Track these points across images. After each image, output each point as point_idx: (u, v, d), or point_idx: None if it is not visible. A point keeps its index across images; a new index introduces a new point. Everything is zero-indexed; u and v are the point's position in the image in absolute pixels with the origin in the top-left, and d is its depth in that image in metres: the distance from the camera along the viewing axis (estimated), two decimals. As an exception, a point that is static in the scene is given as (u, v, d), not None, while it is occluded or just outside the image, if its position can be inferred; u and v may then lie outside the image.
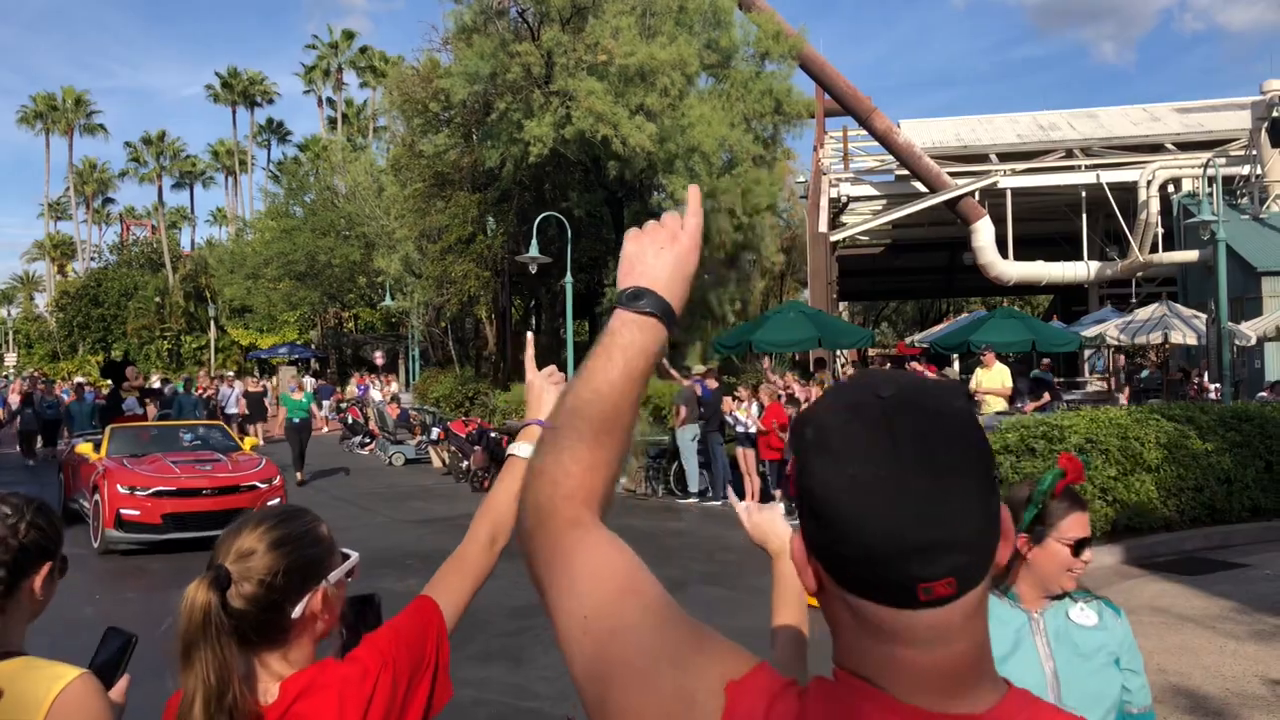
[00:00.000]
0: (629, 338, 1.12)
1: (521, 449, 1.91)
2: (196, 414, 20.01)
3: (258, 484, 11.84)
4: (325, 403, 31.23)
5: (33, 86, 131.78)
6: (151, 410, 20.16)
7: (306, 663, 1.60)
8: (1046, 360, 20.25)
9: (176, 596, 1.52)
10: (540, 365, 2.07)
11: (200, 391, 28.05)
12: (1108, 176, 26.61)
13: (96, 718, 1.72)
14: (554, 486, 1.08)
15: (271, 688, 1.55)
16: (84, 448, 13.11)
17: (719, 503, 15.16)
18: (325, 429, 25.41)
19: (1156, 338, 21.13)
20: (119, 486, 11.30)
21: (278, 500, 11.58)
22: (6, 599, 1.73)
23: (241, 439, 14.64)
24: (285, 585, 1.55)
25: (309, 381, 34.78)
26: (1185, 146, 28.01)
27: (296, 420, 17.96)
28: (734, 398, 15.07)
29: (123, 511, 11.13)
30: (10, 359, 54.60)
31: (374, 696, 1.60)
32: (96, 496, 11.48)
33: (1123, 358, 25.69)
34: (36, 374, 33.91)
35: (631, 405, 1.12)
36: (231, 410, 24.30)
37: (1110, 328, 22.19)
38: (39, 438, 23.10)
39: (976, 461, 0.87)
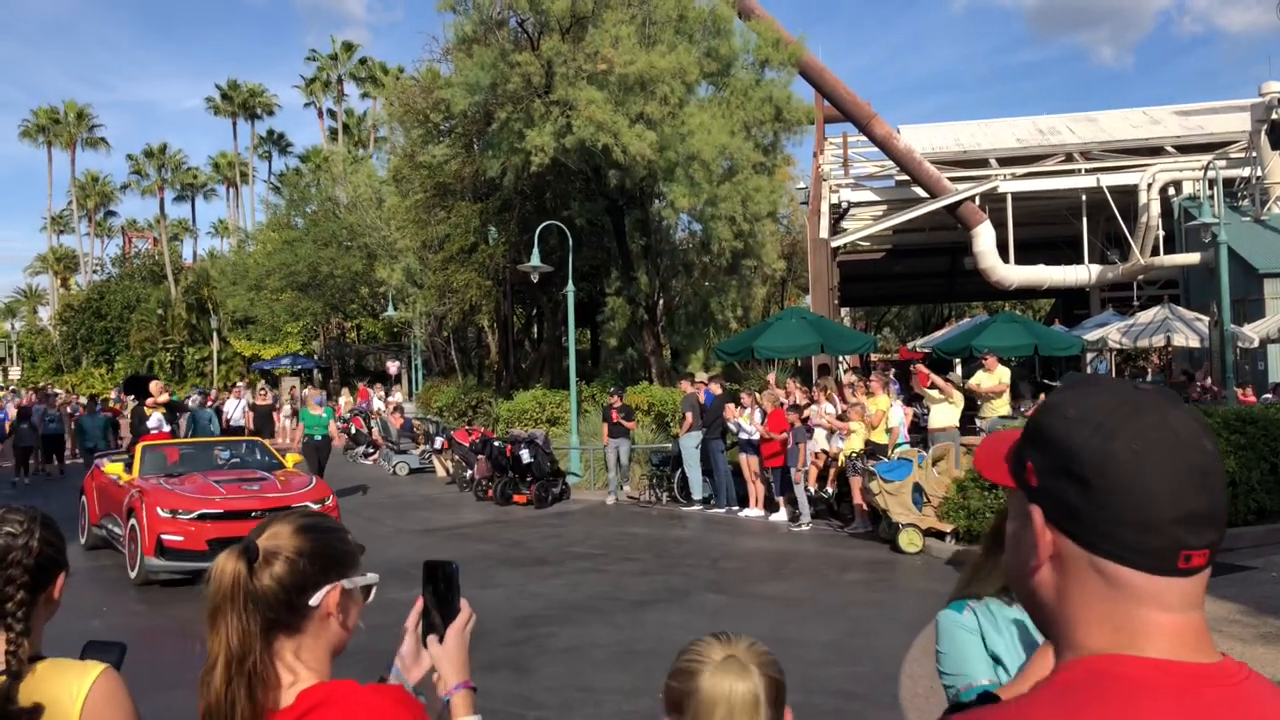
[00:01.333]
0: None
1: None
2: (213, 429, 19.21)
3: (310, 505, 10.74)
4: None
5: (35, 100, 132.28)
6: (177, 427, 19.30)
7: (320, 668, 1.63)
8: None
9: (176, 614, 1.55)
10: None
11: (208, 404, 27.88)
12: (1108, 180, 26.61)
13: (125, 707, 1.82)
14: None
15: (289, 692, 1.58)
16: (113, 468, 12.21)
17: (722, 510, 15.17)
18: (340, 443, 24.57)
19: (1159, 340, 21.12)
20: (159, 510, 10.41)
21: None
22: (30, 608, 1.78)
23: (282, 456, 13.68)
24: (307, 569, 1.62)
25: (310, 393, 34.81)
26: (1185, 149, 28.01)
27: (318, 437, 17.26)
28: (737, 404, 15.07)
29: (164, 537, 10.24)
30: (15, 372, 54.64)
31: None
32: (133, 521, 10.63)
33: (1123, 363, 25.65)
34: (45, 387, 33.76)
35: None
36: (237, 423, 23.20)
37: (1112, 331, 22.18)
38: (37, 454, 22.28)
39: (1216, 447, 1.00)
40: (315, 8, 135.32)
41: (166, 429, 17.02)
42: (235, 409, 23.46)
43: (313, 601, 1.62)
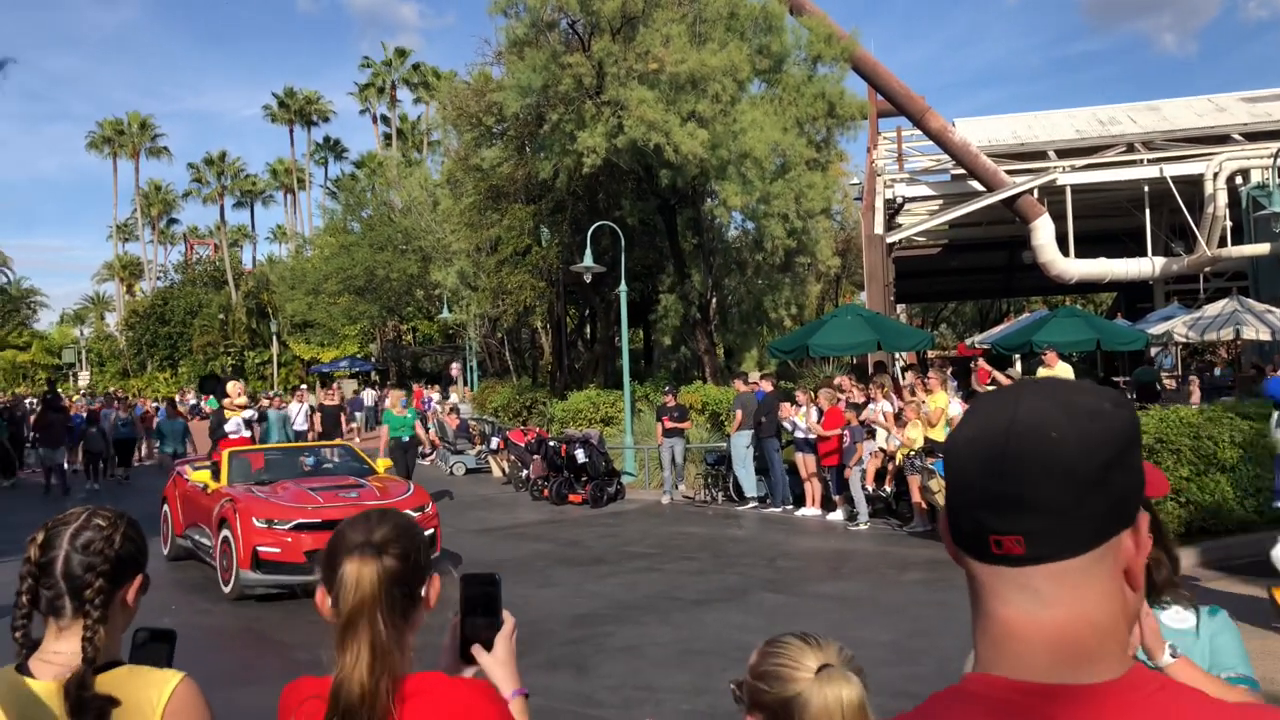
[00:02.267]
0: None
1: None
2: (286, 433, 18.92)
3: (410, 513, 9.68)
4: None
5: (101, 113, 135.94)
6: (255, 431, 18.85)
7: (411, 656, 1.70)
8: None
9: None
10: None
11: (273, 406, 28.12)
12: (1172, 170, 25.96)
13: (204, 716, 1.85)
14: None
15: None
16: (200, 475, 11.39)
17: (778, 509, 15.07)
18: (429, 448, 23.10)
19: (1227, 334, 20.56)
20: (255, 520, 9.75)
21: (432, 531, 10.21)
22: (107, 608, 1.80)
23: (373, 460, 12.90)
24: (418, 565, 1.70)
25: (369, 394, 35.20)
26: (1253, 136, 27.20)
27: (404, 439, 16.58)
28: (793, 403, 14.96)
29: (260, 549, 9.62)
30: (84, 377, 56.15)
31: None
32: (225, 532, 9.98)
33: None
34: (116, 393, 34.43)
35: None
36: (301, 427, 22.35)
37: (1178, 325, 21.64)
38: (109, 459, 21.91)
39: (1080, 441, 0.94)
40: (369, 15, 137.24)
41: (246, 434, 15.89)
42: (299, 412, 22.75)
43: (422, 592, 1.71)
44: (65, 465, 20.28)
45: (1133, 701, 0.90)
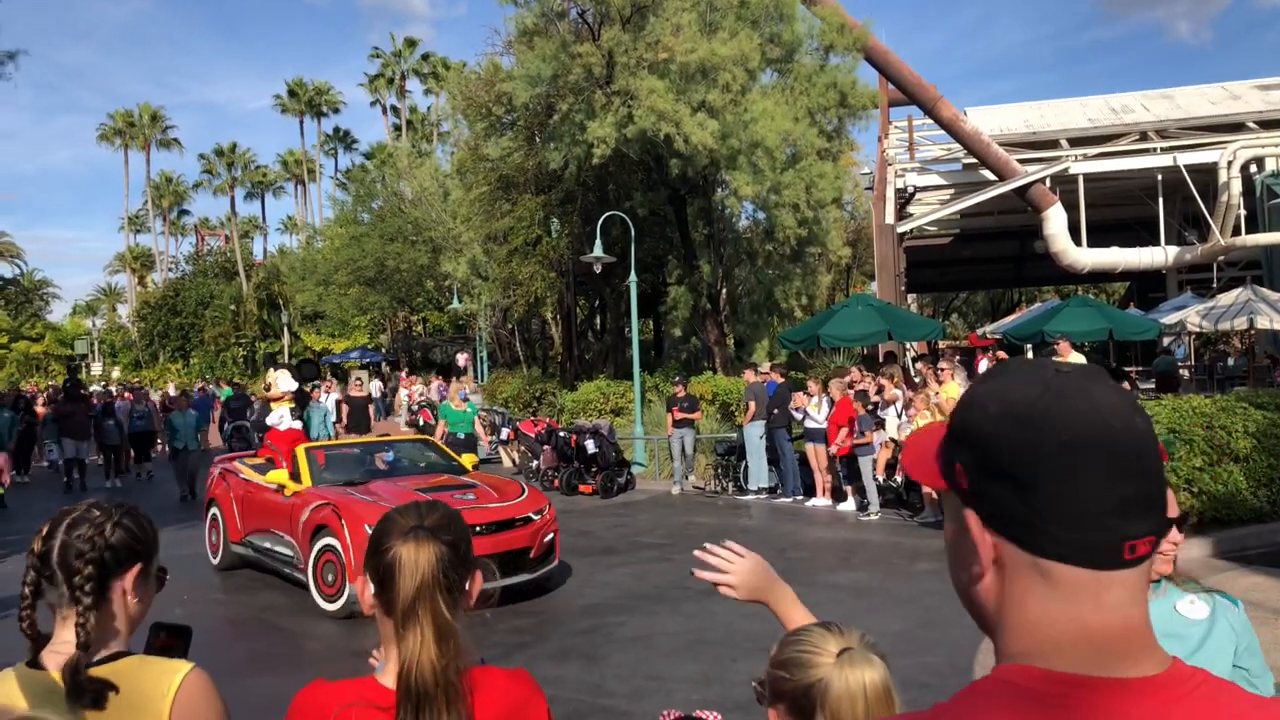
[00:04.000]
0: None
1: None
2: (328, 428, 17.86)
3: (531, 516, 9.20)
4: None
5: (112, 105, 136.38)
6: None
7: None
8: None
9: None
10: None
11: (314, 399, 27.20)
12: (1185, 158, 25.80)
13: (215, 706, 1.83)
14: None
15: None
16: (276, 475, 9.97)
17: (788, 499, 15.08)
18: (488, 448, 20.67)
19: (1241, 323, 20.45)
20: (368, 526, 8.19)
21: (552, 536, 9.41)
22: (99, 598, 1.80)
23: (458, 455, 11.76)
24: (466, 554, 1.70)
25: (376, 386, 35.15)
26: (1268, 124, 27.00)
27: (461, 435, 15.56)
28: (805, 393, 14.94)
29: None
30: (96, 368, 56.45)
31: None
32: (327, 541, 8.84)
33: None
34: (130, 382, 34.09)
35: None
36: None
37: (1191, 314, 21.54)
38: (126, 453, 20.73)
39: (1150, 422, 0.94)
40: (379, 6, 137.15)
41: (295, 425, 13.24)
42: (325, 403, 20.99)
43: (467, 585, 1.70)
44: (85, 459, 19.33)
45: (1180, 695, 0.90)
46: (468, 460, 11.44)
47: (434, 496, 8.50)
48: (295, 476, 9.90)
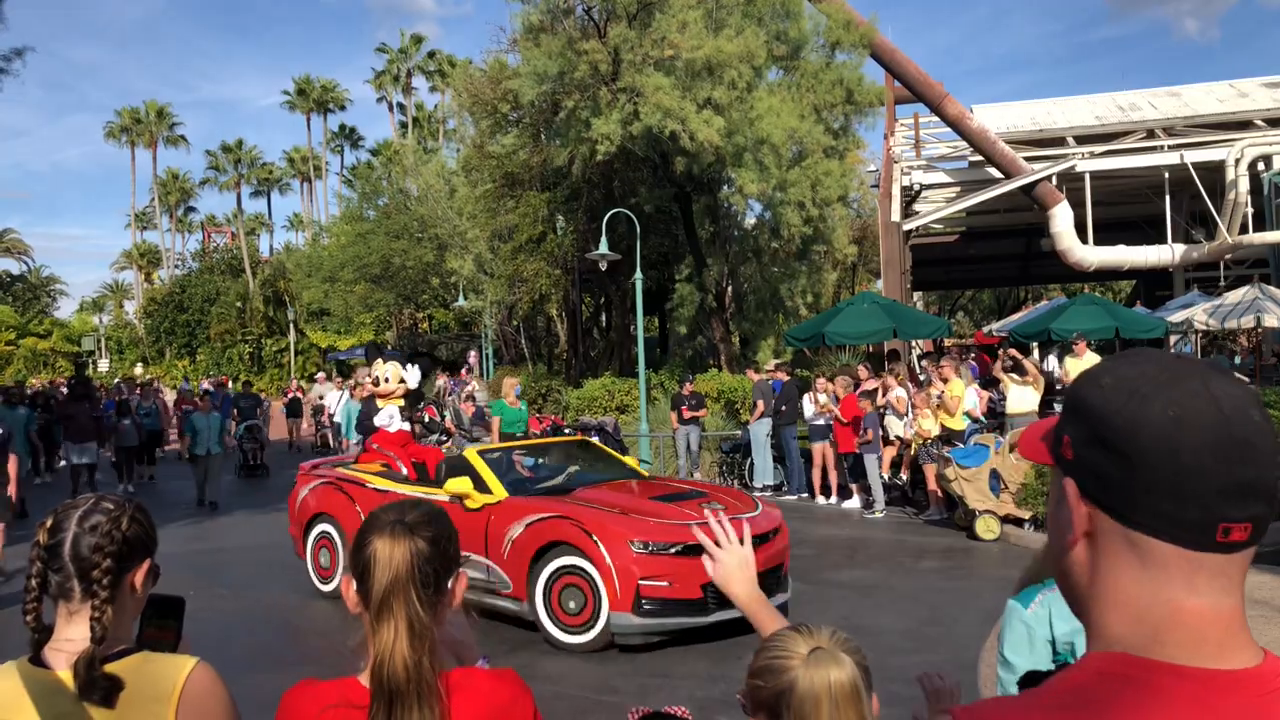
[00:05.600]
0: None
1: None
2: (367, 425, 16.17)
3: (775, 531, 8.17)
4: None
5: (120, 102, 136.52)
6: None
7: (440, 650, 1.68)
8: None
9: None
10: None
11: (290, 394, 26.94)
12: (1192, 156, 25.71)
13: (222, 700, 1.82)
14: None
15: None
16: (456, 484, 8.37)
17: (794, 496, 15.09)
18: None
19: (1248, 321, 20.39)
20: (632, 543, 7.36)
21: (781, 563, 8.31)
22: (115, 591, 1.79)
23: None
24: (448, 554, 1.69)
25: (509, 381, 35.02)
26: (1275, 122, 26.89)
27: (519, 435, 14.35)
28: (813, 390, 14.97)
29: (644, 583, 7.26)
30: (103, 364, 56.56)
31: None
32: (567, 560, 7.59)
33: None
34: (152, 380, 32.91)
35: None
36: (338, 420, 20.24)
37: (1198, 312, 21.46)
38: (137, 455, 19.10)
39: (1270, 421, 0.94)
40: (387, 4, 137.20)
41: (405, 426, 11.05)
42: (338, 401, 20.37)
43: (449, 584, 1.69)
44: (94, 464, 17.17)
45: (1277, 688, 0.90)
46: (631, 462, 10.35)
47: (678, 506, 7.93)
48: (482, 487, 8.41)
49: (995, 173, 26.69)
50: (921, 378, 15.79)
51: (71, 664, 1.73)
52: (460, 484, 8.36)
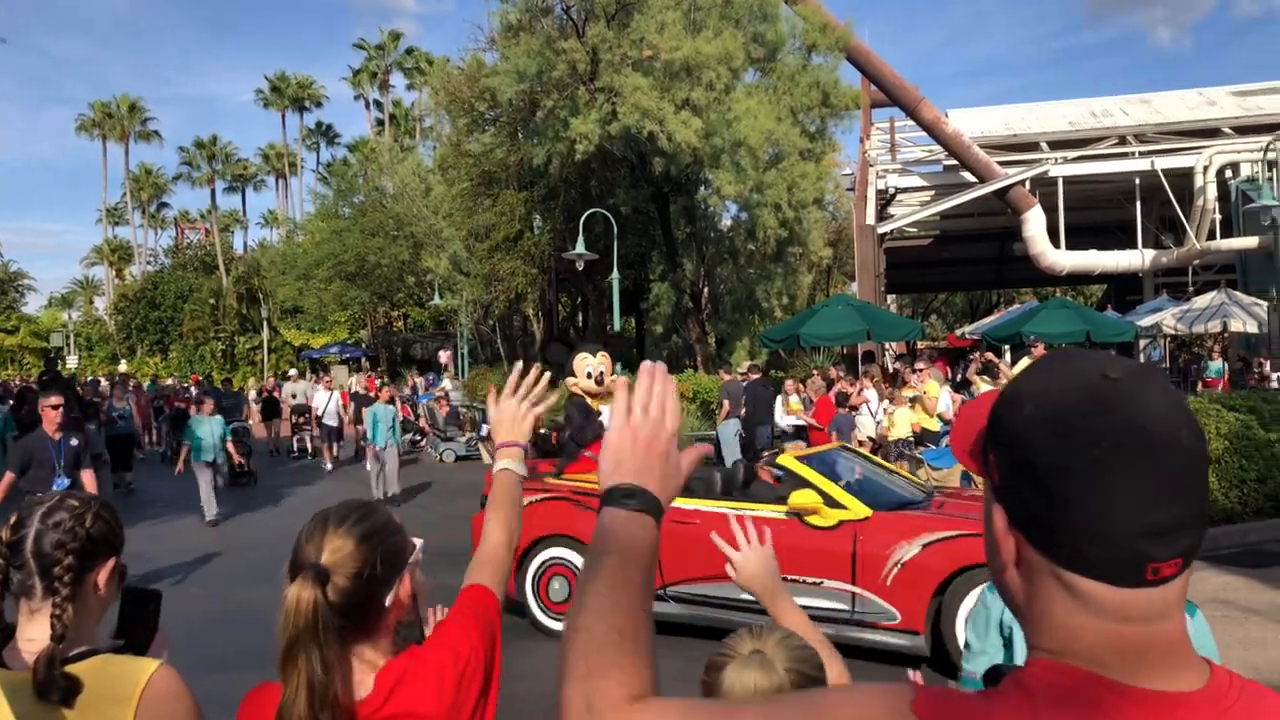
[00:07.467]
0: (628, 534, 1.10)
1: (512, 465, 2.15)
2: (395, 433, 15.32)
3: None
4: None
5: (96, 96, 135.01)
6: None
7: (389, 646, 1.65)
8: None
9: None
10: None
11: (265, 393, 25.21)
12: (1163, 163, 26.07)
13: (183, 704, 1.78)
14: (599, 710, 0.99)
15: (366, 680, 1.59)
16: (803, 498, 7.07)
17: (769, 497, 15.14)
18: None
19: (1215, 326, 20.69)
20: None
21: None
22: (77, 588, 1.76)
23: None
24: (379, 576, 1.60)
25: (357, 380, 34.95)
26: (1244, 130, 27.31)
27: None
28: (783, 393, 15.03)
29: None
30: (72, 361, 55.93)
31: (466, 679, 1.66)
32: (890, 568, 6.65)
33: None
34: (124, 376, 31.90)
35: (643, 596, 1.08)
36: (330, 422, 19.51)
37: (1167, 317, 21.77)
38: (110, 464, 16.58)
39: (1202, 440, 0.89)
40: (366, 1, 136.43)
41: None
42: (327, 402, 19.60)
43: (388, 602, 1.63)
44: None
45: (1221, 710, 0.88)
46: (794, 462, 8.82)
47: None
48: (830, 501, 7.12)
49: (969, 177, 26.93)
50: (896, 378, 15.90)
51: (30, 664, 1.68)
52: (807, 498, 7.11)
